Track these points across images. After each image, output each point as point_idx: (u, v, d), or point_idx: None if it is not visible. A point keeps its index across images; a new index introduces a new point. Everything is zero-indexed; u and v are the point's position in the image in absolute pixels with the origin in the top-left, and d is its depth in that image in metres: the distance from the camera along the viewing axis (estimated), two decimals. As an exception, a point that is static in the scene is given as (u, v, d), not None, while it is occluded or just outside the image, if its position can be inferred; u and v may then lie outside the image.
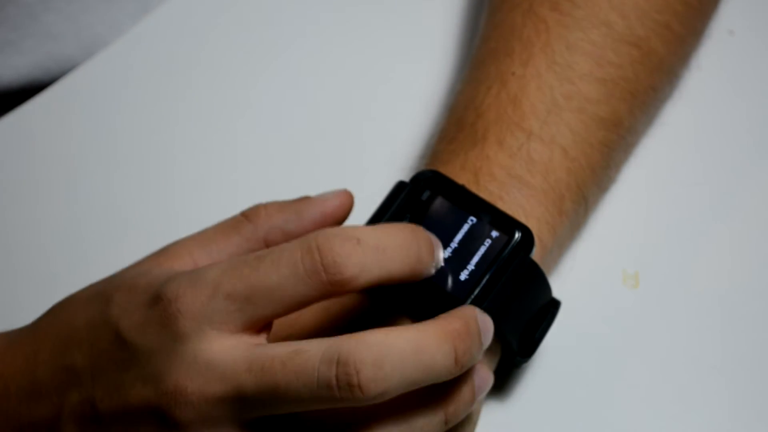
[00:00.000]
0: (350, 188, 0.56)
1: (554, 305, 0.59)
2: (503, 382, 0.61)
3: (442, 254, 0.53)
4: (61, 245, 0.67)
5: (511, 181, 0.59)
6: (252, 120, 0.70)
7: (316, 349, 0.48)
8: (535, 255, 0.57)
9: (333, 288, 0.49)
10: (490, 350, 0.58)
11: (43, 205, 0.68)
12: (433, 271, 0.52)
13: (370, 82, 0.71)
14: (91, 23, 0.73)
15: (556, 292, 0.59)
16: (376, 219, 0.57)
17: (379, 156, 0.68)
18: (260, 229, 0.53)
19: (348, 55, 0.72)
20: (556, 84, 0.61)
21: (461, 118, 0.62)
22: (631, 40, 0.63)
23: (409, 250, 0.51)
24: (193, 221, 0.57)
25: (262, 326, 0.50)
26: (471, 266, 0.56)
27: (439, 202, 0.57)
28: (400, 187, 0.59)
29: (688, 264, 0.65)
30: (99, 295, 0.52)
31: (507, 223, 0.57)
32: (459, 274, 0.56)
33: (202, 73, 0.72)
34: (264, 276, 0.49)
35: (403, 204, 0.58)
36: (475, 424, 0.56)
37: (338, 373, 0.48)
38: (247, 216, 0.54)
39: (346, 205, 0.55)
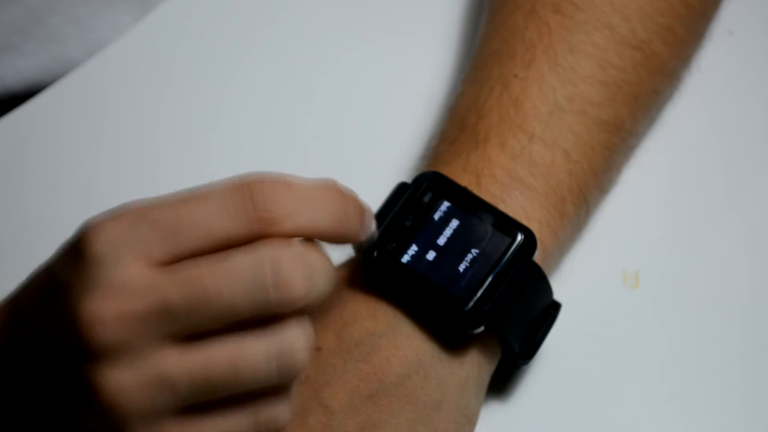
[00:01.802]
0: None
1: (555, 307, 0.59)
2: (504, 382, 0.61)
3: (374, 224, 0.52)
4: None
5: (513, 183, 0.59)
6: (252, 120, 0.70)
7: (242, 253, 0.47)
8: (537, 257, 0.57)
9: (259, 226, 0.48)
10: (490, 351, 0.58)
11: (43, 205, 0.68)
12: (363, 237, 0.51)
13: (370, 83, 0.71)
14: (95, 26, 0.73)
15: (557, 292, 0.59)
16: (378, 220, 0.57)
17: (380, 156, 0.68)
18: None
19: (349, 55, 0.72)
20: (559, 86, 0.61)
21: (463, 119, 0.62)
22: (634, 43, 0.62)
23: (338, 207, 0.50)
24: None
25: (182, 260, 0.48)
26: (473, 268, 0.56)
27: (441, 204, 0.58)
28: (402, 188, 0.59)
29: (688, 264, 0.65)
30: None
31: (509, 225, 0.57)
32: (461, 276, 0.56)
33: (202, 73, 0.72)
34: (192, 208, 0.48)
35: (405, 205, 0.58)
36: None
37: (272, 271, 0.47)
38: None
39: None
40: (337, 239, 0.50)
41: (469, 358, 0.57)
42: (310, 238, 0.49)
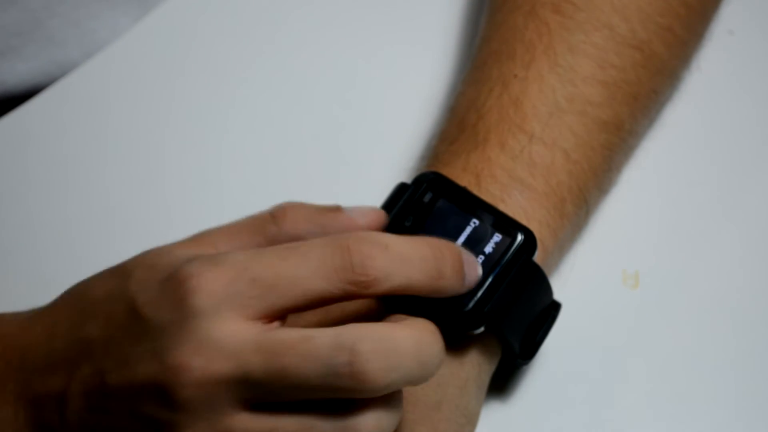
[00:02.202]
0: (350, 189, 0.56)
1: (555, 307, 0.59)
2: (504, 382, 0.61)
3: (476, 271, 0.53)
4: (61, 245, 0.67)
5: (513, 183, 0.59)
6: (252, 120, 0.70)
7: (326, 335, 0.48)
8: (537, 258, 0.57)
9: (356, 288, 0.49)
10: (491, 351, 0.58)
11: (42, 205, 0.68)
12: (464, 289, 0.53)
13: (370, 83, 0.71)
14: (95, 29, 0.73)
15: (557, 292, 0.59)
16: (378, 220, 0.58)
17: (380, 156, 0.68)
18: (284, 233, 0.53)
19: (349, 55, 0.72)
20: (559, 86, 0.61)
21: (463, 119, 0.62)
22: (634, 43, 0.62)
23: (432, 264, 0.51)
24: (194, 221, 0.57)
25: (277, 317, 0.49)
26: (473, 269, 0.56)
27: (441, 204, 0.57)
28: (401, 188, 0.59)
29: (688, 264, 0.65)
30: (119, 270, 0.52)
31: (509, 225, 0.57)
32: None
33: (202, 74, 0.72)
34: (292, 266, 0.49)
35: (405, 206, 0.58)
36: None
37: (348, 361, 0.48)
38: (274, 217, 0.53)
39: (374, 225, 0.55)
40: (434, 294, 0.51)
41: (470, 359, 0.57)
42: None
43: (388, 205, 0.58)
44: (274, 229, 0.53)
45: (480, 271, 0.54)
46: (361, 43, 0.72)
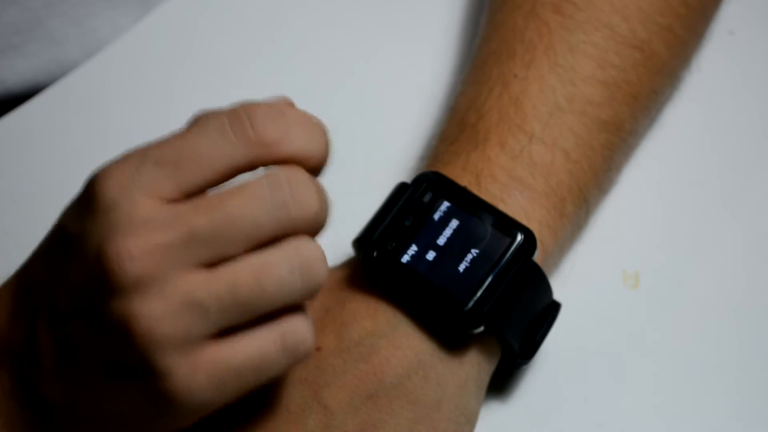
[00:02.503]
0: (350, 189, 0.56)
1: (555, 307, 0.59)
2: (504, 382, 0.61)
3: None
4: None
5: (513, 183, 0.59)
6: (252, 120, 0.70)
7: (258, 178, 0.49)
8: (537, 258, 0.57)
9: (260, 150, 0.49)
10: (490, 351, 0.58)
11: (43, 205, 0.68)
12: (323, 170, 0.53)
13: (370, 83, 0.71)
14: (95, 28, 0.73)
15: (557, 292, 0.59)
16: (378, 220, 0.58)
17: (380, 156, 0.68)
18: None
19: (348, 55, 0.72)
20: (559, 86, 0.61)
21: (463, 119, 0.62)
22: (634, 42, 0.62)
23: (322, 136, 0.51)
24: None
25: (193, 195, 0.49)
26: (473, 268, 0.56)
27: (441, 204, 0.58)
28: (401, 188, 0.59)
29: (688, 264, 0.65)
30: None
31: (509, 225, 0.57)
32: (461, 276, 0.56)
33: (202, 73, 0.72)
34: (192, 141, 0.49)
35: (405, 205, 0.58)
36: None
37: (291, 190, 0.49)
38: None
39: None
40: (318, 168, 0.51)
41: (469, 358, 0.57)
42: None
43: (389, 205, 0.58)
44: None
45: None
46: (361, 42, 0.72)
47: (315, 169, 0.51)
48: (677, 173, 0.67)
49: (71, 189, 0.68)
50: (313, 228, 0.50)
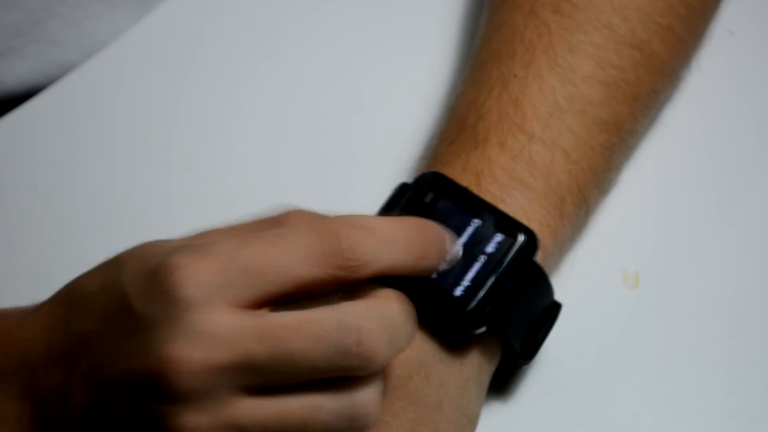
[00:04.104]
0: (350, 189, 0.56)
1: (555, 308, 0.59)
2: (504, 382, 0.61)
3: (455, 248, 0.54)
4: (61, 245, 0.67)
5: (513, 183, 0.59)
6: (251, 121, 0.70)
7: (329, 316, 0.48)
8: (537, 258, 0.57)
9: (344, 273, 0.49)
10: (491, 351, 0.58)
11: (42, 205, 0.68)
12: (442, 266, 0.53)
13: (370, 83, 0.71)
14: (95, 29, 0.73)
15: (557, 292, 0.59)
16: (379, 221, 0.57)
17: (379, 157, 0.67)
18: None
19: (348, 55, 0.72)
20: (558, 86, 0.61)
21: (462, 119, 0.62)
22: (633, 42, 0.62)
23: (418, 245, 0.51)
24: (193, 221, 0.57)
25: (267, 303, 0.49)
26: (475, 269, 0.56)
27: (442, 205, 0.57)
28: (402, 189, 0.59)
29: (688, 264, 0.65)
30: (113, 263, 0.51)
31: (511, 225, 0.57)
32: (463, 277, 0.56)
33: (201, 73, 0.72)
34: (281, 253, 0.49)
35: (406, 206, 0.58)
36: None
37: (356, 341, 0.48)
38: (279, 222, 0.53)
39: None
40: (418, 273, 0.52)
41: (470, 359, 0.57)
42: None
43: (390, 205, 0.58)
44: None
45: (460, 249, 0.54)
46: (361, 42, 0.72)
47: (410, 274, 0.51)
48: (677, 173, 0.67)
49: (70, 189, 0.68)
50: (376, 370, 0.49)
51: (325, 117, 0.70)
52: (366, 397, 0.49)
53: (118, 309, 0.49)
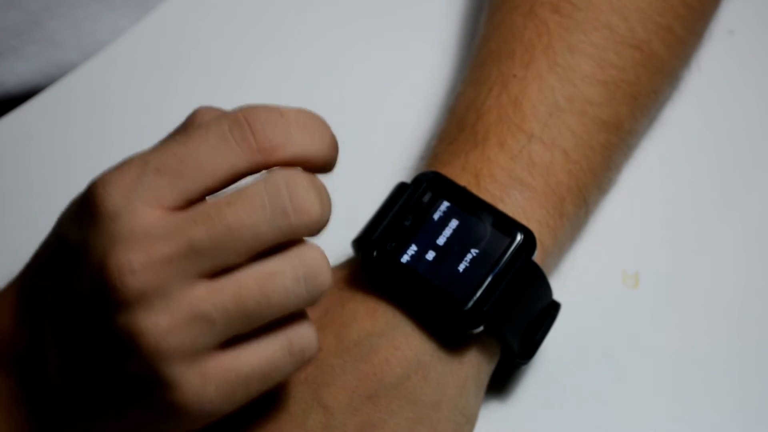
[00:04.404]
0: (350, 189, 0.56)
1: (554, 307, 0.59)
2: (503, 382, 0.61)
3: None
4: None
5: (512, 183, 0.59)
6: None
7: (257, 185, 0.48)
8: (536, 257, 0.57)
9: (262, 156, 0.49)
10: (490, 351, 0.58)
11: (41, 206, 0.68)
12: (334, 163, 0.52)
13: (370, 83, 0.71)
14: (94, 30, 0.73)
15: (557, 291, 0.59)
16: (378, 220, 0.57)
17: (379, 156, 0.67)
18: None
19: (347, 55, 0.72)
20: (558, 86, 0.61)
21: (462, 119, 0.62)
22: (633, 42, 0.62)
23: (324, 131, 0.51)
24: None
25: (195, 201, 0.49)
26: (473, 268, 0.56)
27: (441, 204, 0.58)
28: (401, 188, 0.59)
29: (688, 264, 0.65)
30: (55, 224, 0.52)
31: (509, 225, 0.57)
32: (461, 276, 0.56)
33: (201, 74, 0.72)
34: (192, 148, 0.49)
35: (405, 205, 0.58)
36: None
37: (289, 197, 0.48)
38: (185, 124, 0.52)
39: None
40: (325, 166, 0.51)
41: (469, 358, 0.57)
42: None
43: (388, 205, 0.58)
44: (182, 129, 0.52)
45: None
46: (361, 42, 0.72)
47: (321, 167, 0.51)
48: (677, 173, 0.67)
49: (70, 190, 0.68)
50: (315, 231, 0.50)
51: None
52: (313, 253, 0.50)
53: (59, 249, 0.50)
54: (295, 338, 0.50)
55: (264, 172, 0.50)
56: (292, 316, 0.50)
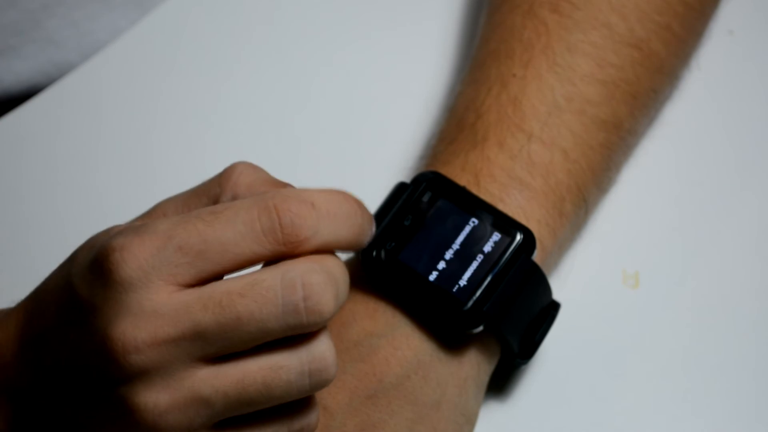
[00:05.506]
0: (349, 189, 0.56)
1: (554, 307, 0.59)
2: (503, 382, 0.61)
3: (374, 226, 0.52)
4: (59, 245, 0.67)
5: (512, 182, 0.59)
6: (250, 121, 0.70)
7: (273, 276, 0.48)
8: (536, 257, 0.57)
9: (286, 248, 0.48)
10: (490, 351, 0.58)
11: (40, 206, 0.68)
12: (366, 243, 0.51)
13: (370, 83, 0.71)
14: (93, 30, 0.73)
15: (557, 292, 0.59)
16: (377, 220, 0.57)
17: (379, 156, 0.68)
18: (225, 196, 0.52)
19: (348, 55, 0.72)
20: (557, 85, 0.61)
21: (461, 119, 0.62)
22: (632, 41, 0.62)
23: (356, 219, 0.50)
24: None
25: (210, 281, 0.49)
26: (473, 268, 0.56)
27: (440, 204, 0.58)
28: (401, 188, 0.59)
29: (688, 264, 0.65)
30: (69, 258, 0.51)
31: (508, 224, 0.57)
32: (461, 276, 0.56)
33: (200, 74, 0.72)
34: (219, 231, 0.48)
35: (404, 205, 0.58)
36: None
37: (303, 296, 0.47)
38: (221, 177, 0.52)
39: None
40: (354, 249, 0.51)
41: (468, 358, 0.57)
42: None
43: (388, 205, 0.58)
44: (216, 189, 0.52)
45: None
46: (361, 43, 0.72)
47: (348, 250, 0.50)
48: (677, 173, 0.67)
49: (69, 190, 0.68)
50: (326, 323, 0.49)
51: (324, 117, 0.70)
52: (322, 348, 0.49)
53: (69, 300, 0.49)
54: (296, 425, 0.50)
55: None
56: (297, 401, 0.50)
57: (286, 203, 0.48)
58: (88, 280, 0.49)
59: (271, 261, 0.48)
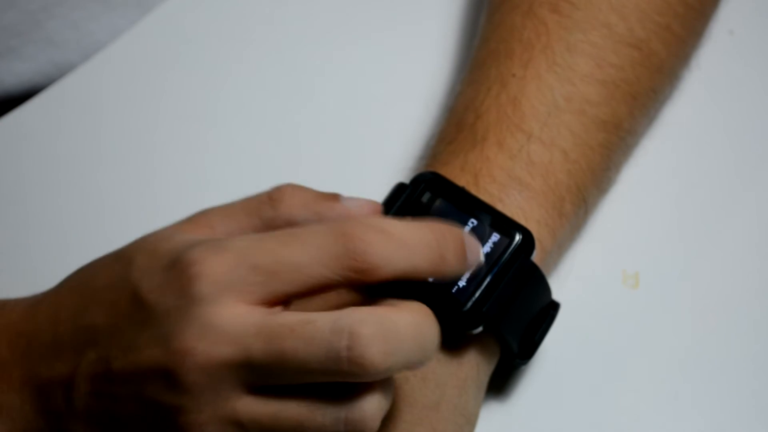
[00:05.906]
0: (349, 188, 0.56)
1: (554, 307, 0.59)
2: (503, 382, 0.61)
3: (478, 255, 0.52)
4: (58, 245, 0.67)
5: (511, 183, 0.59)
6: (249, 122, 0.70)
7: (326, 319, 0.48)
8: (535, 257, 0.57)
9: (357, 275, 0.49)
10: (489, 351, 0.58)
11: (40, 206, 0.68)
12: (464, 272, 0.52)
13: (369, 83, 0.71)
14: (93, 30, 0.74)
15: (556, 292, 0.59)
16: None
17: (378, 157, 0.68)
18: (280, 217, 0.53)
19: (347, 55, 0.72)
20: (557, 85, 0.61)
21: (461, 119, 0.62)
22: (632, 41, 0.62)
23: (434, 249, 0.50)
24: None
25: (280, 302, 0.49)
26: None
27: (439, 204, 0.57)
28: (400, 188, 0.59)
29: (688, 264, 0.65)
30: (121, 258, 0.52)
31: (507, 225, 0.57)
32: (460, 277, 0.56)
33: (200, 74, 0.72)
34: (293, 254, 0.49)
35: (403, 206, 0.58)
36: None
37: (347, 345, 0.48)
38: (272, 199, 0.53)
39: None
40: (438, 278, 0.51)
41: (468, 359, 0.57)
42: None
43: (387, 205, 0.58)
44: (270, 211, 0.53)
45: (482, 255, 0.53)
46: (360, 42, 0.72)
47: (426, 278, 0.51)
48: (677, 173, 0.67)
49: (69, 190, 0.68)
50: (377, 377, 0.49)
51: (324, 117, 0.70)
52: (365, 406, 0.49)
53: (129, 303, 0.50)
54: None
55: None
56: None
57: (360, 230, 0.49)
58: (159, 287, 0.50)
59: (341, 288, 0.49)
